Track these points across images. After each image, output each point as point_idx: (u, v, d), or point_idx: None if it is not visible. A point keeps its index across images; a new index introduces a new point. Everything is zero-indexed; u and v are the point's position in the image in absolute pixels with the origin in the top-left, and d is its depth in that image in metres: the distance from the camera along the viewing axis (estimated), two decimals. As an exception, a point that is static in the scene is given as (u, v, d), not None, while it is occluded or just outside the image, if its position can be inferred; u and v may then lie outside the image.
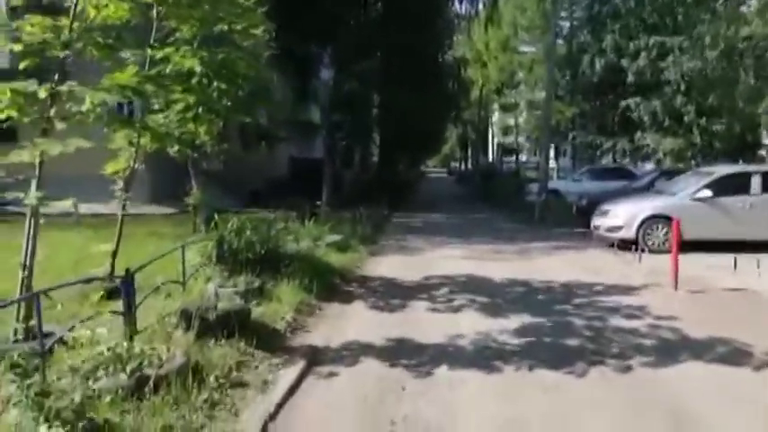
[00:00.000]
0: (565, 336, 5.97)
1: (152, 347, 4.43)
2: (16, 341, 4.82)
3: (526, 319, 6.59)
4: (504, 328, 6.20)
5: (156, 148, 7.10)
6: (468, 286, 8.42)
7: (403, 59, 22.86)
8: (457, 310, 7.10)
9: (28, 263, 4.88)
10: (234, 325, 5.23)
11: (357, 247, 11.32)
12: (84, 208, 13.55)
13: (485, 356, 5.36)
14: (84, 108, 4.64)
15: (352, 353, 5.44)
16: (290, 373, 4.76)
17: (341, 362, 5.19)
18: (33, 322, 4.72)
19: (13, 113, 4.76)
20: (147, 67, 6.10)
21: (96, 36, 4.84)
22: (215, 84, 6.11)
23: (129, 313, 4.95)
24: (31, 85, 4.71)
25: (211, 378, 4.31)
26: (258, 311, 6.09)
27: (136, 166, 7.00)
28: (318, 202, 13.84)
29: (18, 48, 4.88)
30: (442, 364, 5.14)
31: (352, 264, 9.85)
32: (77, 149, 4.52)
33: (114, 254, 6.81)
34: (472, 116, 44.61)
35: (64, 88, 4.67)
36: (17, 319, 4.86)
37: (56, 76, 4.77)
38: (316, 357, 5.27)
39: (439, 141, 51.33)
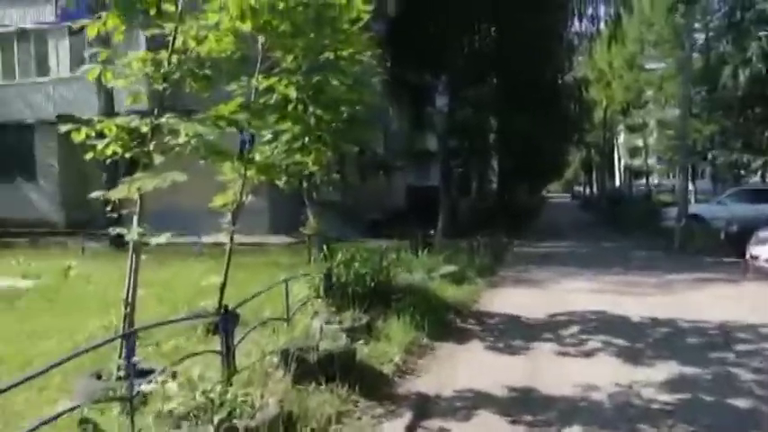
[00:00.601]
0: (730, 393, 4.87)
1: (246, 392, 4.06)
2: (119, 378, 4.71)
3: (676, 368, 5.53)
4: (650, 379, 5.21)
5: (264, 180, 7.00)
6: (601, 326, 7.42)
7: (520, 83, 22.05)
8: (590, 354, 6.18)
9: (130, 298, 4.74)
10: (336, 368, 4.77)
11: (474, 278, 10.60)
12: (210, 238, 14.13)
13: (627, 417, 4.45)
14: (180, 140, 4.48)
15: (467, 404, 4.76)
16: (395, 429, 4.19)
17: (453, 415, 4.53)
18: (137, 358, 4.59)
19: (118, 149, 4.73)
20: (252, 99, 5.99)
21: (193, 68, 4.70)
22: (311, 109, 5.81)
23: (227, 353, 4.65)
24: (133, 120, 4.68)
25: (306, 432, 3.84)
26: (364, 352, 5.61)
27: (244, 198, 6.88)
28: (432, 231, 13.29)
29: (121, 83, 4.87)
30: (573, 424, 4.32)
31: (468, 297, 9.15)
32: (203, 184, 4.36)
33: (222, 287, 6.66)
34: (596, 138, 42.41)
35: (163, 121, 4.55)
36: (120, 356, 4.73)
37: (155, 110, 4.68)
38: (425, 408, 4.66)
39: (560, 165, 49.37)
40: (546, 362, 5.96)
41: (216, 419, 3.57)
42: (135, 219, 4.78)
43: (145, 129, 4.68)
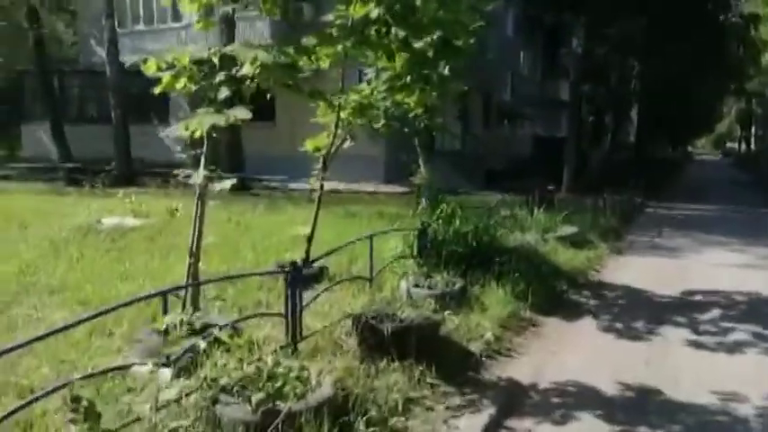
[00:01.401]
0: None
1: (302, 366, 3.55)
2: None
3: None
4: (819, 393, 4.05)
5: (360, 123, 6.41)
6: (751, 311, 6.13)
7: (673, 20, 19.26)
8: (734, 349, 5.02)
9: (194, 248, 4.40)
10: (413, 342, 4.13)
11: (596, 242, 9.42)
12: (326, 185, 13.98)
13: (783, 443, 3.43)
14: (245, 72, 3.95)
15: (566, 401, 3.93)
16: (472, 425, 3.49)
17: (548, 414, 3.73)
18: (199, 314, 4.29)
19: (187, 82, 4.31)
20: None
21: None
22: (393, 32, 4.98)
23: (293, 316, 4.18)
24: (202, 51, 4.22)
25: (361, 423, 3.25)
26: (453, 323, 4.91)
27: (339, 142, 6.31)
28: (550, 187, 12.08)
29: (193, 8, 4.40)
30: (705, 445, 3.38)
31: (586, 265, 8.06)
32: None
33: (309, 239, 6.22)
34: (761, 86, 37.12)
35: (228, 49, 4.03)
36: (182, 309, 4.43)
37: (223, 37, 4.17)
38: (514, 401, 3.90)
39: (712, 118, 44.22)
40: (675, 354, 4.92)
41: (254, 399, 3.08)
42: (202, 161, 4.40)
43: (216, 59, 4.23)
